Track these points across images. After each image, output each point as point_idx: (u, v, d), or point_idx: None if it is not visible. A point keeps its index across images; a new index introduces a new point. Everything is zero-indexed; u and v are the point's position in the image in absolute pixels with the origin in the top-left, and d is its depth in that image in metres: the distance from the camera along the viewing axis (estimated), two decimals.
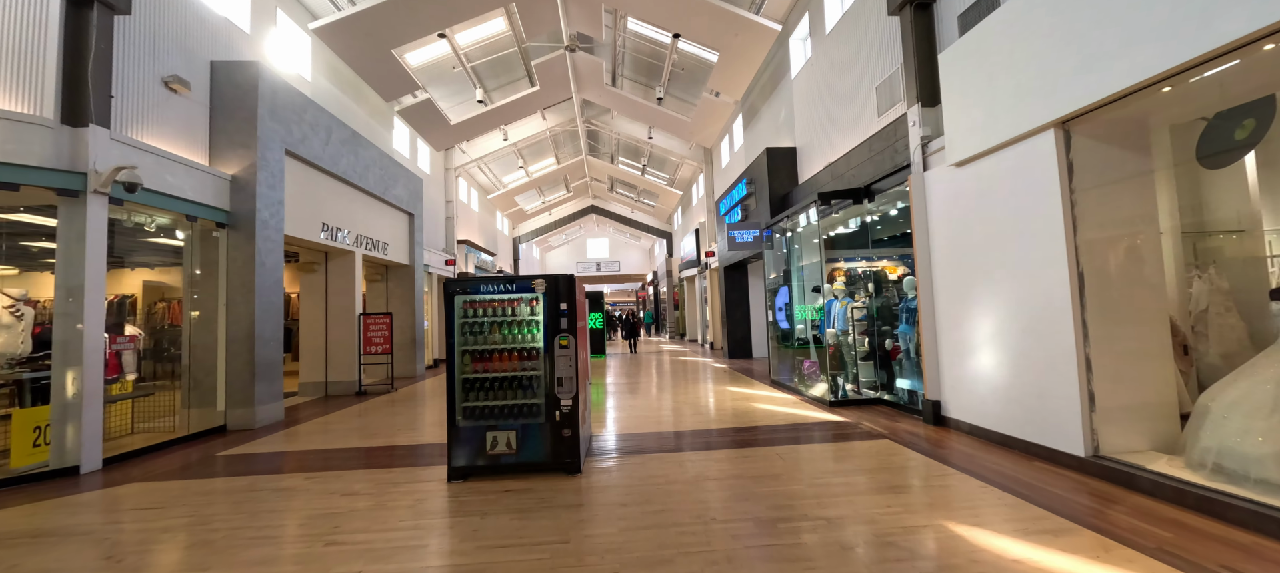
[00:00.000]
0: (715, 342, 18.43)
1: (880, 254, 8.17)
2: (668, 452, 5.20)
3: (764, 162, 10.88)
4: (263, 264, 7.57)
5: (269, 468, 5.14)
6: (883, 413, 6.72)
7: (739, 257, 13.20)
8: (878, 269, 8.55)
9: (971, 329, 5.32)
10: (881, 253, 8.28)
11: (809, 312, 9.88)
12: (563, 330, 4.60)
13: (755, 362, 13.54)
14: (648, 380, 10.75)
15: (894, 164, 6.70)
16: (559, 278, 4.65)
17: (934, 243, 5.89)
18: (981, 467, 4.36)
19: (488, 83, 14.92)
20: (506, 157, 20.83)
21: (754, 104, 13.28)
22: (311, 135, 8.94)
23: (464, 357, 4.70)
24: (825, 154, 9.15)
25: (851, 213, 8.07)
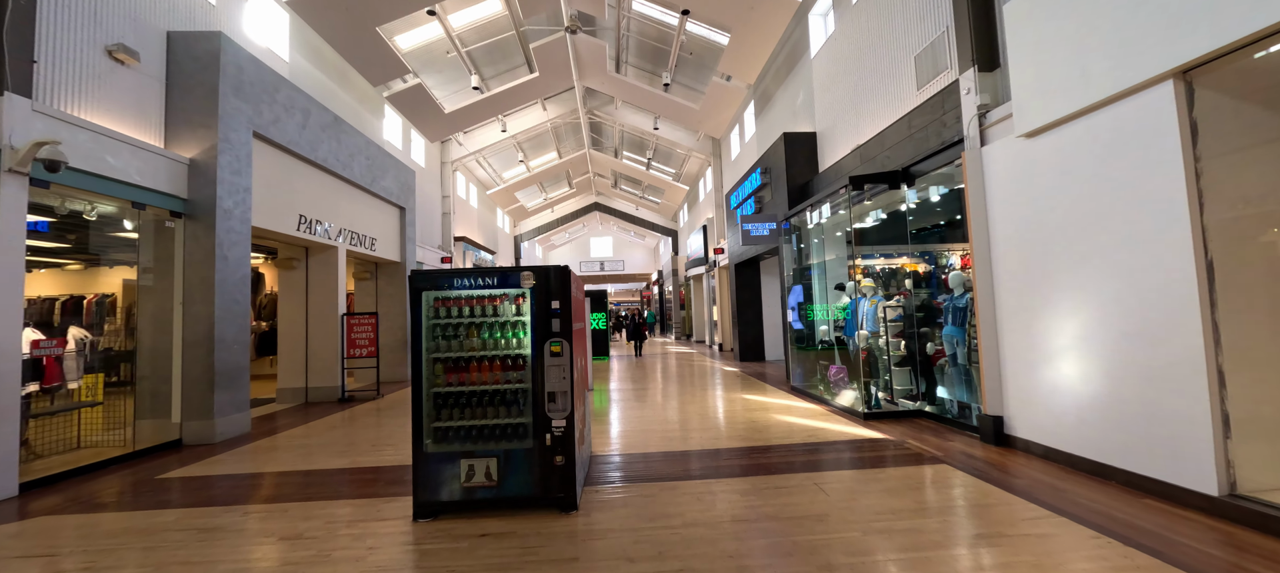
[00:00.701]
0: (724, 343, 17.54)
1: (917, 247, 7.28)
2: (683, 478, 4.34)
3: (780, 148, 10.00)
4: (225, 258, 6.75)
5: (205, 498, 4.31)
6: (926, 428, 5.83)
7: (752, 252, 12.32)
8: (899, 265, 7.67)
9: (1047, 331, 4.43)
10: (914, 246, 7.39)
11: (830, 311, 9.01)
12: (555, 334, 3.75)
13: (768, 365, 12.66)
14: (654, 386, 9.89)
15: (941, 140, 5.82)
16: (550, 269, 3.80)
17: (995, 229, 5.00)
18: (1078, 506, 3.47)
19: (484, 70, 14.10)
20: (506, 150, 20.02)
21: (767, 89, 12.40)
22: (285, 118, 8.13)
23: (434, 366, 3.85)
24: (851, 136, 8.26)
25: (884, 200, 7.18)
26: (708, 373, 11.58)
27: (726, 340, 17.50)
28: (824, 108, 9.49)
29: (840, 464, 4.56)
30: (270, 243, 9.25)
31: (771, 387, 9.24)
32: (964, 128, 5.30)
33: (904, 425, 5.99)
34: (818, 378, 9.11)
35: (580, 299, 4.72)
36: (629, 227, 33.36)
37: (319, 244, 9.40)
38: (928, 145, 6.07)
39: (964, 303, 6.00)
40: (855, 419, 6.36)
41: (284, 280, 9.86)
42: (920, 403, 6.55)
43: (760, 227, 9.86)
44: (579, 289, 4.64)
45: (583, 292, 5.14)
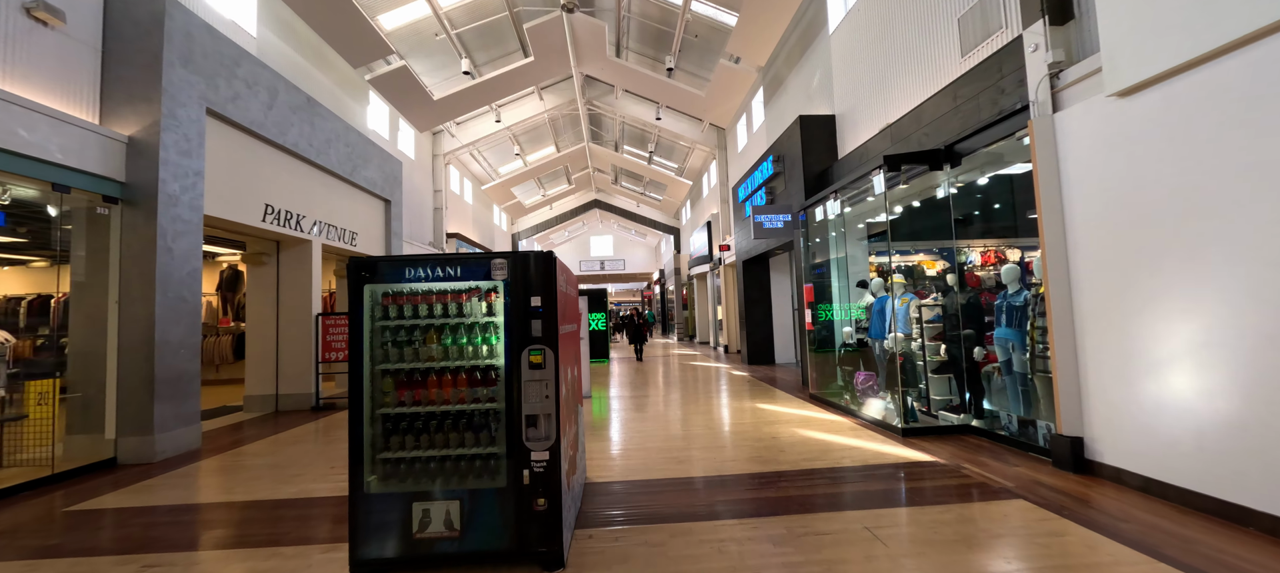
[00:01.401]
0: (730, 345, 16.69)
1: (967, 241, 6.43)
2: (698, 517, 3.49)
3: (796, 134, 9.15)
4: (169, 250, 5.92)
5: (98, 543, 3.47)
6: (979, 448, 4.98)
7: (762, 248, 11.47)
8: (917, 261, 6.83)
9: (1150, 334, 3.57)
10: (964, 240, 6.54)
11: (851, 311, 8.17)
12: (536, 340, 2.90)
13: (779, 369, 11.81)
14: (657, 393, 9.04)
15: (997, 110, 4.97)
16: (530, 257, 2.95)
17: (1072, 210, 4.15)
18: (1223, 565, 2.62)
19: (476, 54, 13.27)
20: (502, 143, 19.20)
21: (778, 73, 11.55)
22: (248, 95, 7.29)
23: (382, 380, 3.01)
24: (879, 116, 7.41)
25: (920, 186, 6.33)
26: (715, 378, 10.73)
27: (732, 342, 16.65)
28: (844, 88, 8.64)
29: (890, 499, 3.71)
30: (235, 235, 8.42)
31: (786, 394, 8.39)
32: (1029, 92, 4.45)
33: (951, 445, 5.13)
34: (838, 384, 8.27)
35: (571, 297, 3.88)
36: (630, 225, 32.54)
37: (291, 237, 8.57)
38: (978, 117, 5.22)
39: (1021, 301, 5.14)
40: (891, 435, 5.51)
41: (253, 277, 9.02)
42: (965, 417, 5.69)
43: (774, 218, 9.01)
44: (570, 283, 3.80)
45: (575, 287, 4.30)
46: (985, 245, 7.18)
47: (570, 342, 3.67)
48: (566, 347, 3.38)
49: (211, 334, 12.77)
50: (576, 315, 4.33)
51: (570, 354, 3.63)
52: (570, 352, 3.63)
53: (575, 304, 4.28)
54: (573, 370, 3.81)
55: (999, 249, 9.96)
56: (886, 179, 5.67)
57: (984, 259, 9.86)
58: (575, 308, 4.24)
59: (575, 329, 4.21)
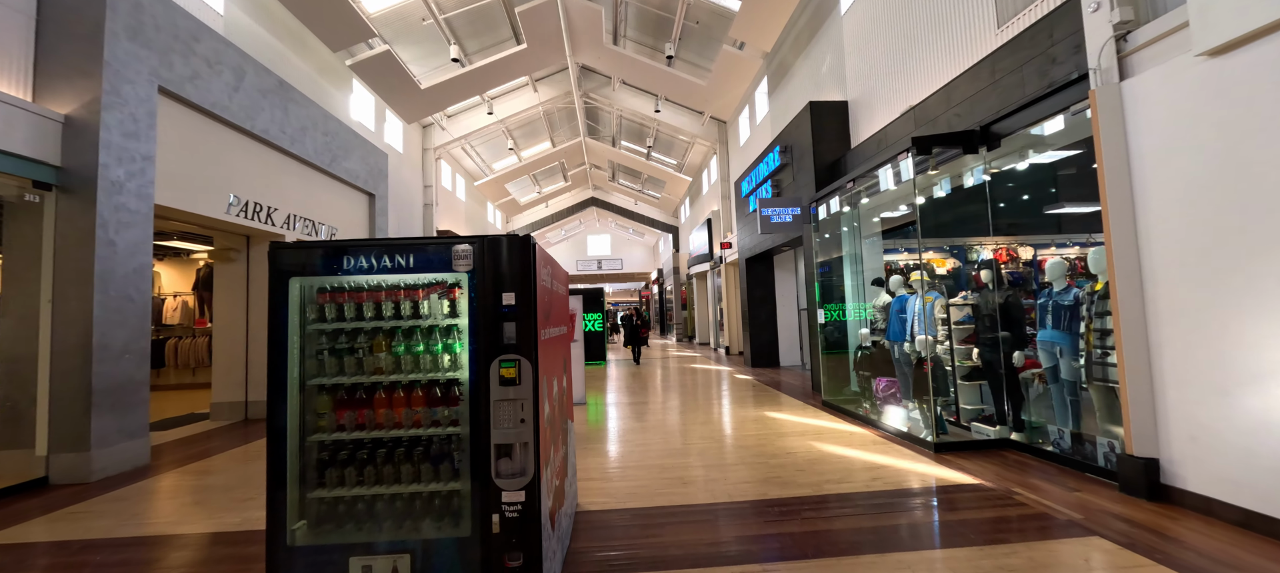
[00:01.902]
0: (731, 346, 16.10)
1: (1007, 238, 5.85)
2: (711, 561, 2.87)
3: (805, 121, 8.55)
4: (111, 243, 5.28)
5: None
6: (1025, 467, 4.38)
7: (768, 244, 10.87)
8: (924, 258, 6.30)
9: (1255, 341, 2.97)
10: (1004, 238, 5.96)
11: (866, 311, 7.58)
12: (508, 349, 2.29)
13: (784, 372, 11.21)
14: (657, 399, 8.43)
15: (1046, 82, 4.37)
16: (502, 242, 2.34)
17: (1146, 192, 3.56)
18: None
19: (466, 43, 12.64)
20: (495, 138, 18.56)
21: (784, 60, 10.96)
22: (209, 75, 6.65)
23: (317, 398, 2.39)
24: (899, 98, 6.82)
25: (947, 172, 5.73)
26: (718, 383, 10.12)
27: (734, 343, 16.05)
28: (858, 72, 8.05)
29: (940, 535, 3.10)
30: (201, 229, 7.78)
31: (796, 400, 7.78)
32: (1089, 58, 3.85)
33: (990, 462, 4.53)
34: (852, 390, 7.67)
35: (558, 294, 3.27)
36: (627, 223, 31.95)
37: (261, 232, 7.93)
38: (1022, 92, 4.62)
39: (1069, 300, 4.55)
40: (920, 451, 4.91)
41: (221, 275, 8.38)
42: (1001, 429, 5.09)
43: (782, 212, 8.41)
44: (557, 278, 3.19)
45: (565, 282, 3.69)
46: (1006, 242, 6.60)
47: (557, 348, 3.06)
48: (551, 354, 2.77)
49: (188, 336, 12.12)
50: (566, 316, 3.71)
51: (557, 363, 3.02)
52: (556, 360, 3.01)
53: (564, 303, 3.66)
54: (561, 382, 3.20)
55: (1010, 247, 9.40)
56: (915, 164, 5.06)
57: (997, 257, 9.31)
58: (564, 307, 3.62)
59: (565, 332, 3.59)
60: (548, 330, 2.73)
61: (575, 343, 8.26)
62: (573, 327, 8.35)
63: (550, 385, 2.72)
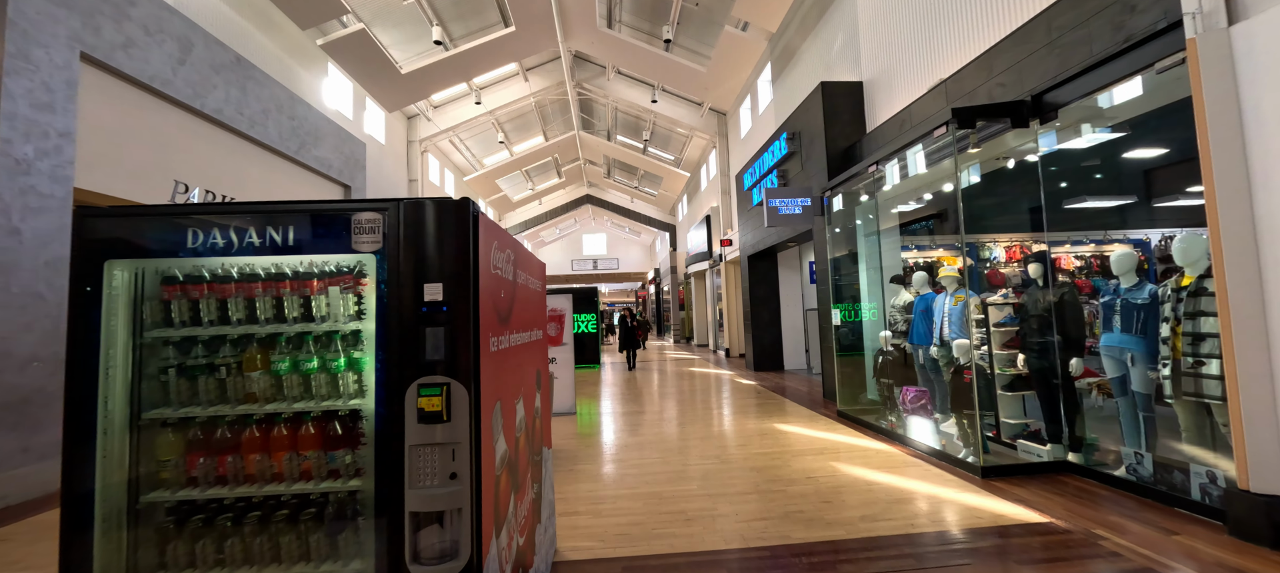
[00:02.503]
0: (732, 348, 15.38)
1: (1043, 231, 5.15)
2: None
3: (816, 105, 7.83)
4: (14, 232, 4.50)
5: None
6: (1092, 496, 3.66)
7: (773, 239, 10.15)
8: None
9: None
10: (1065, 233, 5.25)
11: (886, 311, 6.87)
12: (431, 367, 1.53)
13: (789, 377, 10.49)
14: (654, 408, 7.69)
15: (1123, 37, 3.64)
16: (424, 206, 1.58)
17: (1268, 163, 2.84)
18: None
19: (451, 26, 11.86)
20: (485, 131, 17.79)
21: (790, 43, 10.24)
22: (147, 43, 5.88)
23: (159, 438, 1.63)
24: (925, 73, 6.10)
25: (986, 153, 5.02)
26: (719, 389, 9.39)
27: (734, 345, 15.33)
28: (874, 49, 7.34)
29: None
30: None
31: (808, 410, 7.05)
32: (1186, 5, 3.13)
33: (1050, 490, 3.81)
34: (868, 397, 6.96)
35: (528, 290, 2.52)
36: (623, 222, 31.23)
37: None
38: (1089, 51, 3.90)
39: (1144, 298, 3.83)
40: (964, 475, 4.18)
41: None
42: (1052, 448, 4.37)
43: (791, 203, 7.69)
44: (524, 265, 2.44)
45: (538, 273, 2.95)
46: (1043, 237, 5.90)
47: (524, 360, 2.32)
48: (514, 370, 2.02)
49: None
50: (542, 317, 2.97)
51: (525, 379, 2.28)
52: (523, 375, 2.27)
53: (539, 301, 2.92)
54: (531, 404, 2.45)
55: (1024, 244, 8.74)
56: (956, 140, 4.33)
57: (1009, 255, 8.65)
58: (539, 306, 2.88)
59: (538, 338, 2.85)
60: (509, 337, 2.00)
61: (563, 347, 7.52)
62: (561, 328, 7.61)
63: (510, 415, 1.98)
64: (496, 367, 1.81)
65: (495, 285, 1.85)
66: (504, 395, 1.93)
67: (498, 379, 1.82)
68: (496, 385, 1.80)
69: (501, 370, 1.90)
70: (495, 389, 1.79)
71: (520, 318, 2.34)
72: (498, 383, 1.82)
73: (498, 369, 1.83)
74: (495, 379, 1.80)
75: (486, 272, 1.72)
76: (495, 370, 1.79)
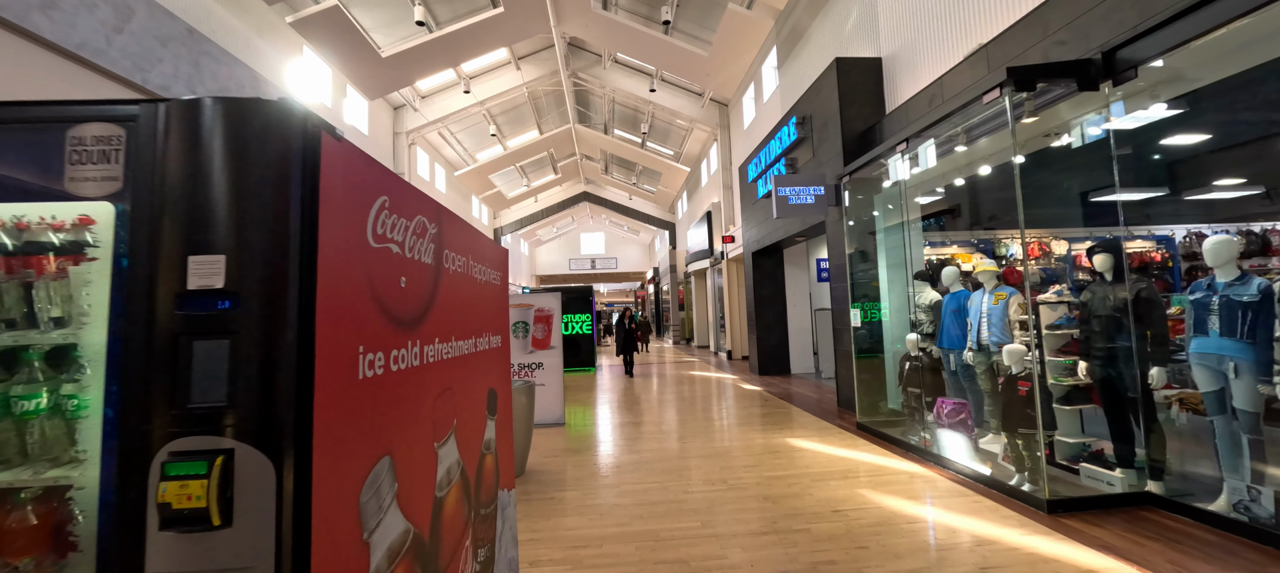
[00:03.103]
0: (734, 350, 14.66)
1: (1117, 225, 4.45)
2: None
3: (830, 84, 7.12)
4: None
5: None
6: (1192, 541, 2.93)
7: (780, 234, 9.44)
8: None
9: None
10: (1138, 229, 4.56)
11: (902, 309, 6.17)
12: (201, 419, 0.79)
13: (797, 381, 9.76)
14: (651, 419, 6.97)
15: None
16: (203, 112, 0.85)
17: None
18: None
19: (436, 9, 11.13)
20: (477, 124, 17.07)
21: (798, 23, 9.53)
22: (74, 7, 5.15)
23: None
24: (961, 40, 5.39)
25: (1041, 127, 4.30)
26: (722, 396, 8.67)
27: (737, 347, 14.62)
28: (894, 21, 6.62)
29: None
30: None
31: (822, 421, 6.33)
32: None
33: (1138, 531, 3.09)
34: (889, 407, 6.24)
35: (479, 282, 1.81)
36: (622, 220, 30.53)
37: None
38: None
39: (1252, 295, 3.11)
40: (1025, 510, 3.45)
41: None
42: (1128, 475, 3.64)
43: (803, 192, 6.97)
44: (457, 243, 1.72)
45: (497, 261, 2.24)
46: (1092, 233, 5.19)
47: (461, 382, 1.60)
48: (426, 401, 1.30)
49: None
50: (495, 321, 2.25)
51: (459, 412, 1.56)
52: (456, 406, 1.55)
53: (494, 300, 2.21)
54: (470, 446, 1.73)
55: (1042, 240, 8.05)
56: (1012, 107, 3.61)
57: (1030, 253, 7.97)
58: (493, 305, 2.17)
59: (495, 347, 2.14)
60: (420, 350, 1.28)
61: (551, 351, 6.80)
62: (549, 331, 6.89)
63: (419, 469, 1.25)
64: (384, 401, 1.10)
65: (381, 268, 1.13)
66: (406, 444, 1.21)
67: (385, 420, 1.11)
68: (383, 433, 1.09)
69: (398, 404, 1.18)
70: (379, 439, 1.08)
71: (452, 321, 1.62)
72: (384, 427, 1.10)
73: (387, 405, 1.12)
74: (380, 422, 1.08)
75: (349, 241, 1.00)
76: (380, 407, 1.08)
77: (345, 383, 0.98)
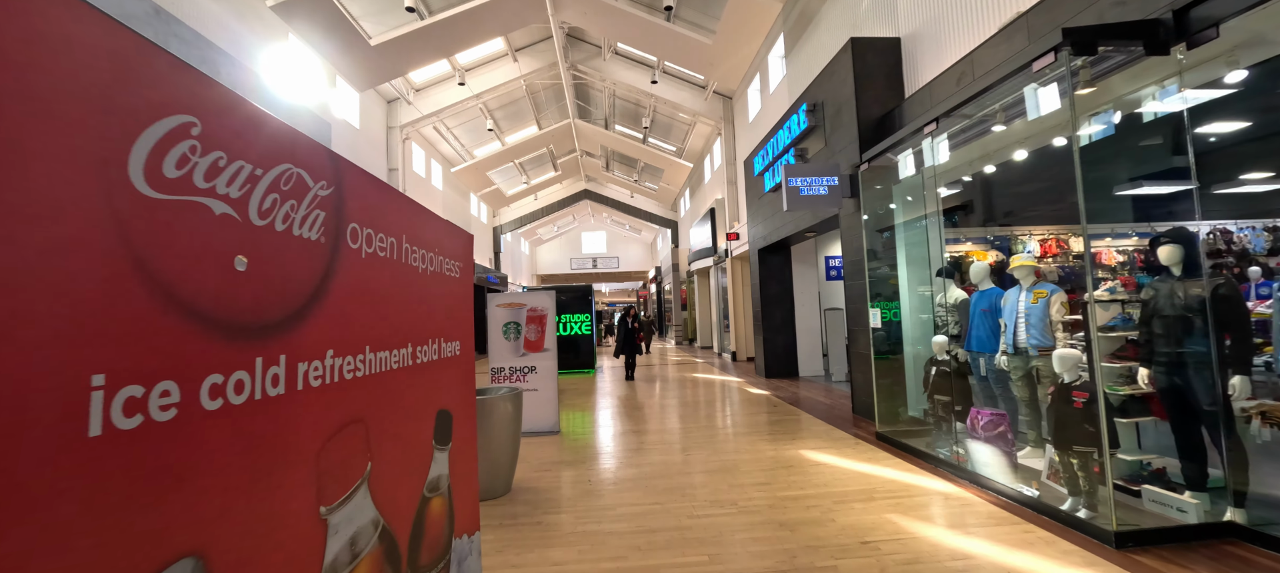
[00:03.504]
0: (738, 352, 14.18)
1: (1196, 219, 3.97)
2: None
3: (845, 67, 6.63)
4: None
5: None
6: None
7: (787, 230, 8.95)
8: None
9: None
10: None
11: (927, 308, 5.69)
12: None
13: (806, 385, 9.28)
14: (652, 427, 6.50)
15: None
16: None
17: None
18: None
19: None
20: (474, 119, 16.62)
21: (808, 6, 9.04)
22: None
23: None
24: (993, 11, 4.89)
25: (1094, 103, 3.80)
26: (729, 401, 8.19)
27: (742, 348, 14.13)
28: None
29: None
30: None
31: (837, 430, 5.84)
32: None
33: (1222, 569, 2.59)
34: (908, 413, 5.76)
35: (388, 270, 1.32)
36: (623, 219, 30.06)
37: None
38: None
39: None
40: (1089, 543, 2.96)
41: None
42: (1202, 500, 3.15)
43: (815, 183, 6.48)
44: (403, 226, 1.24)
45: (457, 251, 1.76)
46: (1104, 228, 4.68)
47: (405, 399, 1.11)
48: (302, 444, 0.81)
49: None
50: (449, 322, 1.78)
51: (377, 454, 1.07)
52: (369, 445, 1.07)
53: (455, 296, 1.74)
54: (404, 497, 1.24)
55: (1060, 237, 7.59)
56: (1072, 73, 3.12)
57: (1044, 250, 7.56)
58: (454, 304, 1.70)
59: (451, 357, 1.67)
60: (337, 362, 0.85)
61: (545, 353, 6.33)
62: (542, 332, 6.42)
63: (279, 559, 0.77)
64: (184, 464, 0.64)
65: (182, 236, 0.66)
66: (247, 524, 0.74)
67: (183, 496, 0.64)
68: (179, 520, 0.63)
69: (223, 464, 0.71)
70: (166, 536, 0.61)
71: (367, 324, 1.15)
72: (183, 509, 0.63)
73: (193, 469, 0.65)
74: (168, 502, 0.61)
75: (63, 178, 0.52)
76: (169, 478, 0.62)
77: (51, 447, 0.51)
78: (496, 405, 4.01)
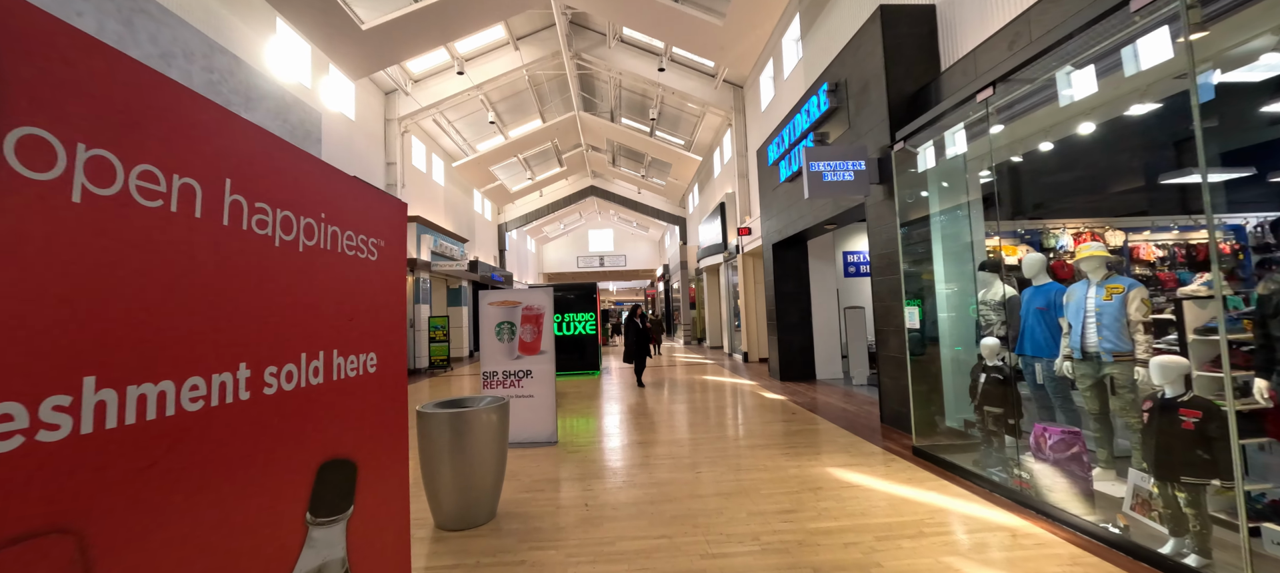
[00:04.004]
0: (751, 352, 13.54)
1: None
2: None
3: (874, 39, 5.99)
4: None
5: None
6: None
7: (805, 222, 8.31)
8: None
9: None
10: None
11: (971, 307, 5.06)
12: None
13: (824, 389, 8.63)
14: (662, 439, 5.90)
15: None
16: None
17: None
18: None
19: None
20: (476, 111, 16.10)
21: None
22: None
23: None
24: None
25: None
26: (743, 407, 7.57)
27: (754, 349, 13.49)
28: None
29: None
30: None
31: (865, 442, 5.21)
32: None
33: None
34: (947, 425, 5.12)
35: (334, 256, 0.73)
36: (631, 216, 29.48)
37: None
38: None
39: None
40: None
41: None
42: None
43: (840, 167, 5.85)
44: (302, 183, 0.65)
45: (394, 232, 1.14)
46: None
47: (245, 448, 0.52)
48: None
49: None
50: (361, 324, 1.18)
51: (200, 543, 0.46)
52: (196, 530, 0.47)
53: (375, 285, 1.14)
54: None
55: (1094, 229, 7.00)
56: (1188, 9, 2.48)
57: (1077, 241, 6.99)
58: (375, 297, 1.10)
59: (369, 376, 1.07)
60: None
61: (541, 356, 5.76)
62: (539, 332, 5.85)
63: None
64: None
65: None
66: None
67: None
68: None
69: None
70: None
71: (137, 334, 0.56)
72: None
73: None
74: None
75: None
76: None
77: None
78: (476, 419, 3.44)
